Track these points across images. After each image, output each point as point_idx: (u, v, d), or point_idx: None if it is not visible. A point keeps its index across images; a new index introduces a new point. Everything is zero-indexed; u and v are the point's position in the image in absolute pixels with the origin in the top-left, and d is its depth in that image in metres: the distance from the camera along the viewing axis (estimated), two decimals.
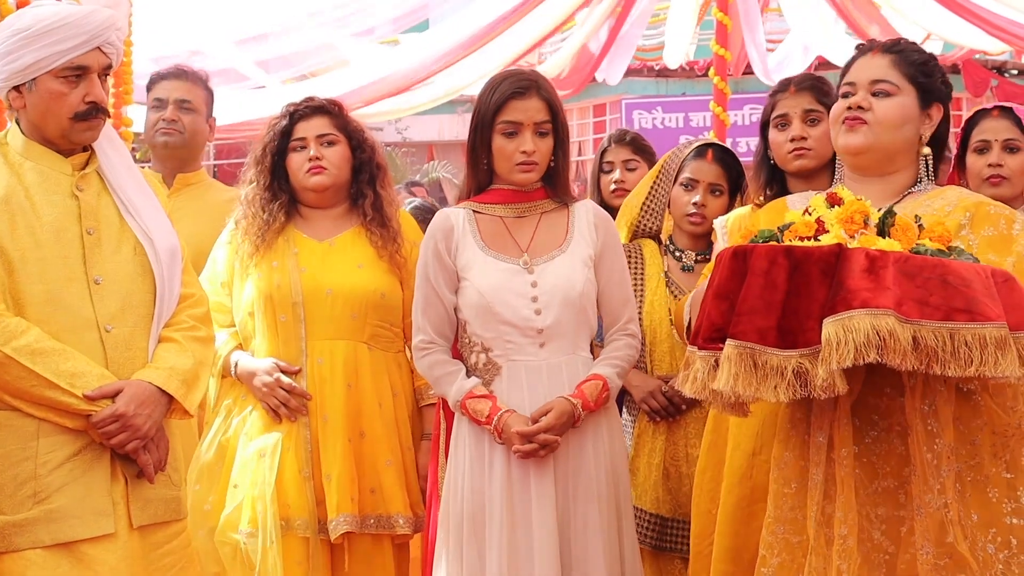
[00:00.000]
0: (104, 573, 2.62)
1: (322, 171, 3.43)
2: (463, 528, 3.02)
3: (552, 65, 10.56)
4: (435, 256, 3.09)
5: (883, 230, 2.32)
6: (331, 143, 3.45)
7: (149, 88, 4.04)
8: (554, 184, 3.13)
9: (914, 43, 2.73)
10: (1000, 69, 13.41)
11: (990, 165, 3.38)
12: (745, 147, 13.71)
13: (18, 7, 4.21)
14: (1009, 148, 3.39)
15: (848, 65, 2.71)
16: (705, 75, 10.25)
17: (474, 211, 3.12)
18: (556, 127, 3.08)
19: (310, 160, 3.42)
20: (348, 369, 3.37)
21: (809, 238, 2.32)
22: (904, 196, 2.62)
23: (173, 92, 3.96)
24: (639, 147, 4.14)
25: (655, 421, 3.52)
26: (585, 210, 3.15)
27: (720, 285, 2.34)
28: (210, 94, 4.06)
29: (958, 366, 2.17)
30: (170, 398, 2.74)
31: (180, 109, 3.94)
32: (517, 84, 3.07)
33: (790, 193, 3.14)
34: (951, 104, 2.73)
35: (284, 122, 3.48)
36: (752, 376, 2.24)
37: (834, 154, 2.75)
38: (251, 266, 3.42)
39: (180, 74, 4.03)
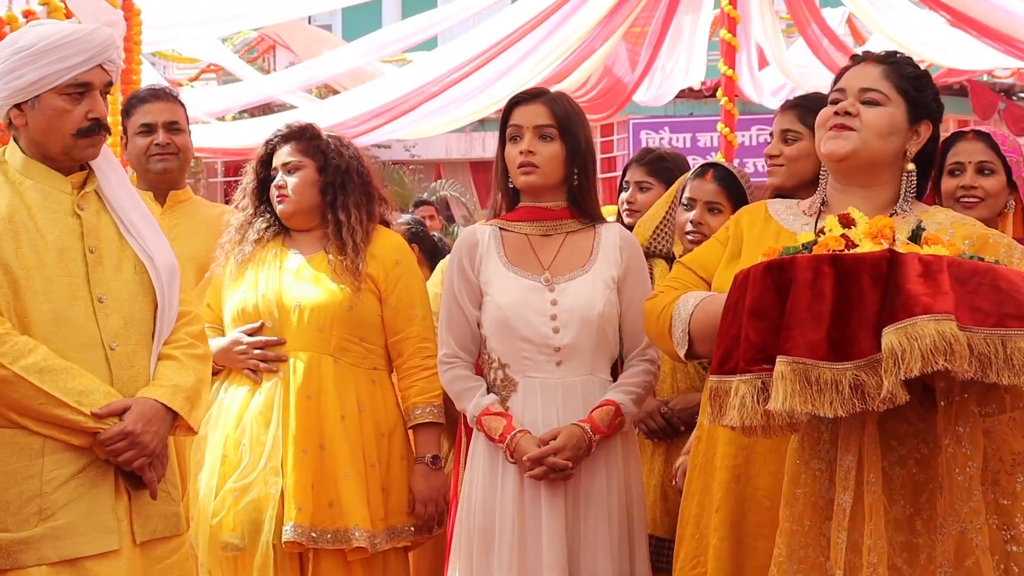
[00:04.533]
0: None
1: (284, 199, 3.50)
2: (474, 542, 3.03)
3: (572, 82, 10.62)
4: (459, 271, 3.11)
5: (916, 242, 2.26)
6: (294, 170, 3.51)
7: (128, 112, 4.02)
8: (579, 204, 3.13)
9: (909, 58, 2.71)
10: (1008, 92, 13.40)
11: (962, 187, 3.38)
12: (752, 168, 13.69)
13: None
14: (982, 170, 3.39)
15: (840, 73, 2.69)
16: (713, 96, 10.26)
17: (500, 228, 3.14)
18: (565, 137, 3.07)
19: (275, 187, 3.51)
20: (310, 381, 3.39)
21: (841, 252, 2.24)
22: (892, 215, 2.59)
23: (160, 115, 3.93)
24: (655, 168, 4.12)
25: (653, 441, 3.52)
26: (611, 232, 3.16)
27: (755, 303, 2.25)
28: (185, 108, 4.06)
29: (1012, 374, 2.10)
30: (175, 415, 2.76)
31: (170, 131, 3.92)
32: (524, 93, 3.14)
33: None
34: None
35: (262, 151, 3.58)
36: (808, 392, 2.15)
37: (819, 166, 2.74)
38: (239, 278, 3.50)
39: (161, 95, 4.02)
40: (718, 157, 8.28)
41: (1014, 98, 13.44)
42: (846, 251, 2.23)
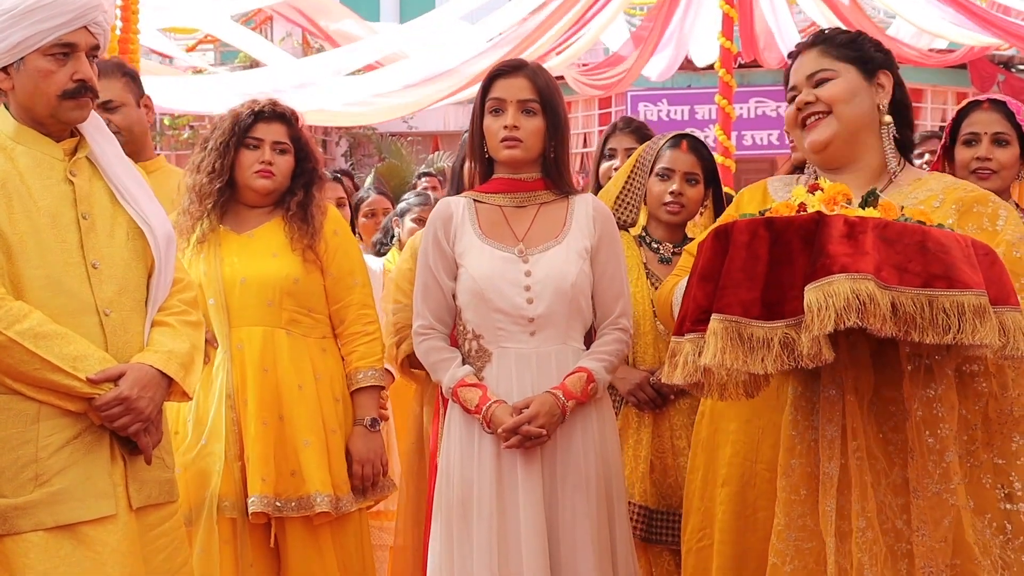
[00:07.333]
0: (105, 554, 2.63)
1: (271, 176, 3.52)
2: (453, 512, 3.05)
3: (564, 59, 10.59)
4: (434, 243, 3.12)
5: (867, 207, 2.30)
6: (283, 151, 3.55)
7: None
8: (553, 175, 3.14)
9: (836, 28, 2.76)
10: (1007, 64, 13.36)
11: (978, 158, 3.37)
12: (750, 140, 13.67)
13: None
14: (998, 141, 3.37)
15: (786, 73, 2.73)
16: (711, 68, 10.23)
17: (475, 200, 3.15)
18: (547, 111, 3.09)
19: (261, 163, 3.52)
20: (265, 354, 3.44)
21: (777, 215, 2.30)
22: (887, 185, 2.62)
23: None
24: (643, 136, 4.13)
25: (641, 412, 3.53)
26: (584, 203, 3.16)
27: (704, 267, 2.33)
28: (130, 78, 3.93)
29: (936, 333, 2.16)
30: (170, 381, 2.76)
31: (104, 111, 3.76)
32: (505, 65, 3.14)
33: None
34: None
35: (248, 121, 3.54)
36: (739, 350, 2.22)
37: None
38: (189, 255, 3.51)
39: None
40: (716, 130, 8.28)
41: (1013, 70, 13.40)
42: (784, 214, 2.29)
